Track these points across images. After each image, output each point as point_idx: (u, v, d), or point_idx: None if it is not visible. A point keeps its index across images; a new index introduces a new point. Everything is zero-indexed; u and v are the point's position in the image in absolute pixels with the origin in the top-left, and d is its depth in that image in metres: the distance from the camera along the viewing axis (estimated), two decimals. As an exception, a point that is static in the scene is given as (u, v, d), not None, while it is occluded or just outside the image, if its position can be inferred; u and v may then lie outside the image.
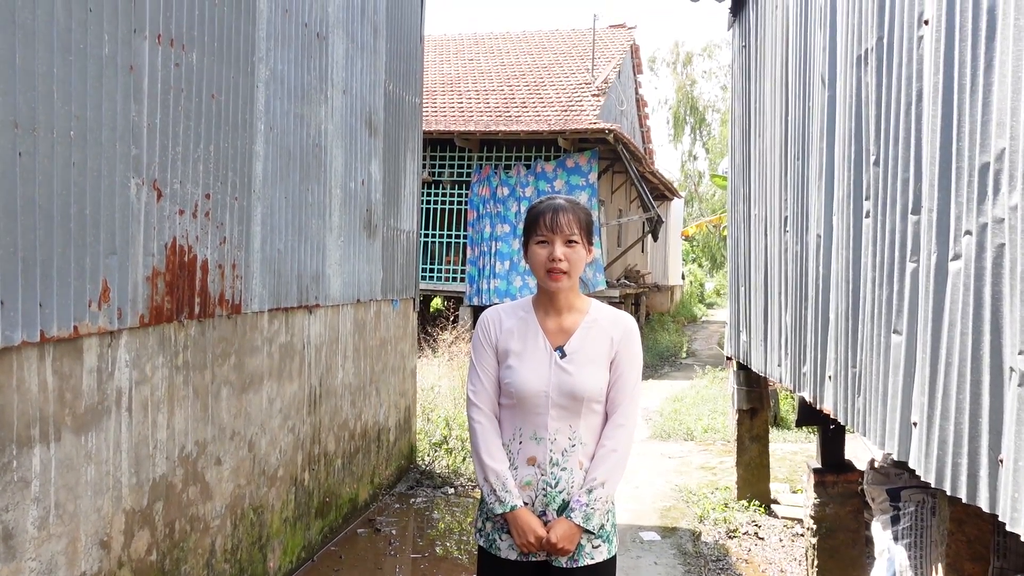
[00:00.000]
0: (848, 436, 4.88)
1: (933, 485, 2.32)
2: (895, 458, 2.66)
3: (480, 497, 2.29)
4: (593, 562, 2.19)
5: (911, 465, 2.51)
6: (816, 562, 4.17)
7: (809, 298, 3.81)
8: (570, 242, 2.18)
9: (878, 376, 2.86)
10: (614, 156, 14.08)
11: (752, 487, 5.78)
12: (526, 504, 2.19)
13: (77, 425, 2.71)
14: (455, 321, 12.87)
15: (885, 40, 2.84)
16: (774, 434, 7.84)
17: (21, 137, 2.39)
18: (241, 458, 3.85)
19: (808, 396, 3.82)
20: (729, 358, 6.13)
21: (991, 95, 2.08)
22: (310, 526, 4.62)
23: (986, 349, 2.06)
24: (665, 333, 17.63)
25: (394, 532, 5.17)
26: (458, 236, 13.92)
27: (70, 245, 2.61)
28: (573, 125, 12.96)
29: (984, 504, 2.04)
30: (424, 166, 13.65)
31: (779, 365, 4.45)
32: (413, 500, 5.82)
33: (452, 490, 6.04)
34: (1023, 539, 1.86)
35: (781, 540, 5.07)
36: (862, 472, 3.87)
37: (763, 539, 5.10)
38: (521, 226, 2.31)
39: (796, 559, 4.72)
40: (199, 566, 3.49)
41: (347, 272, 5.11)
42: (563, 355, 2.20)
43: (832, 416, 3.46)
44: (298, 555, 4.46)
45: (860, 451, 5.66)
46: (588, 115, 13.63)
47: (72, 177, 2.61)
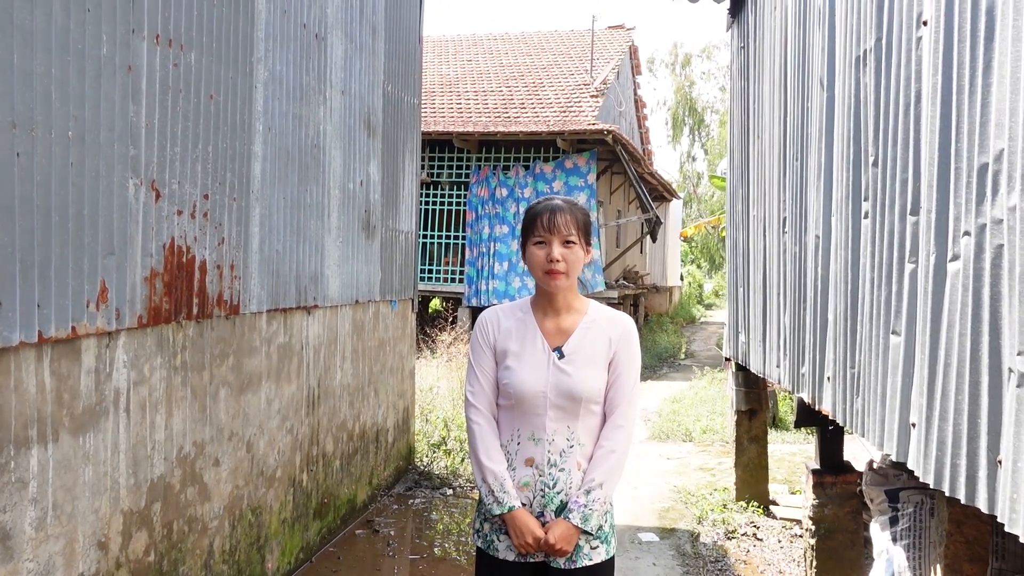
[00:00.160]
0: (847, 437, 4.88)
1: (932, 486, 2.32)
2: (894, 459, 2.66)
3: (478, 498, 2.29)
4: (591, 563, 2.19)
5: (910, 466, 2.51)
6: (815, 563, 4.17)
7: (808, 299, 3.81)
8: (568, 243, 2.18)
9: (877, 377, 2.86)
10: (613, 157, 14.09)
11: (751, 488, 5.78)
12: (524, 505, 2.19)
13: (75, 426, 2.71)
14: (454, 322, 12.87)
15: (884, 41, 2.84)
16: (773, 435, 7.84)
17: (19, 137, 2.39)
18: (239, 459, 3.85)
19: (807, 397, 3.82)
20: (728, 359, 6.13)
21: (990, 96, 2.08)
22: (308, 527, 4.61)
23: (985, 350, 2.06)
24: (664, 334, 17.63)
25: (392, 533, 5.17)
26: (456, 237, 13.92)
27: (68, 245, 2.61)
28: (572, 126, 12.96)
29: (983, 505, 2.04)
30: (423, 167, 13.66)
31: (778, 366, 4.45)
32: (411, 501, 5.82)
33: (450, 491, 6.04)
34: (1022, 540, 1.86)
35: (780, 541, 5.07)
36: (861, 473, 3.87)
37: (762, 540, 5.10)
38: (519, 227, 2.30)
39: (795, 560, 4.72)
40: (197, 567, 3.48)
41: (345, 273, 5.10)
42: (561, 356, 2.20)
43: (831, 417, 3.46)
44: (296, 556, 4.45)
45: (859, 452, 5.66)
46: (587, 116, 13.63)
47: (70, 177, 2.61)
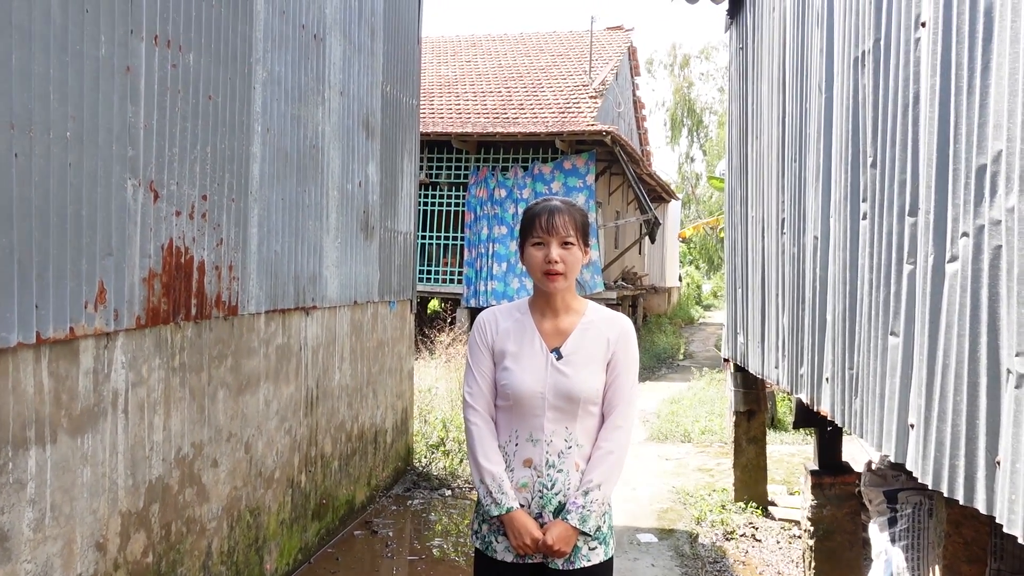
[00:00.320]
0: (845, 438, 4.88)
1: (930, 487, 2.32)
2: (892, 460, 2.66)
3: (477, 499, 2.29)
4: (590, 564, 2.19)
5: (908, 467, 2.51)
6: (813, 564, 4.17)
7: (806, 300, 3.81)
8: (566, 243, 2.17)
9: (875, 378, 2.86)
10: (611, 158, 14.10)
11: (749, 489, 5.78)
12: (522, 506, 2.18)
13: (73, 427, 2.70)
14: (452, 323, 12.87)
15: (882, 42, 2.84)
16: (771, 436, 7.84)
17: (17, 138, 2.38)
18: (237, 460, 3.84)
19: (805, 398, 3.82)
20: (726, 360, 6.14)
21: (988, 97, 2.09)
22: (307, 528, 4.61)
23: (983, 351, 2.06)
24: (662, 335, 17.64)
25: (391, 534, 5.16)
26: (455, 238, 13.92)
27: (66, 246, 2.60)
28: (570, 127, 12.96)
29: (981, 506, 2.04)
30: (421, 168, 13.65)
31: (776, 367, 4.45)
32: (410, 502, 5.81)
33: (449, 492, 6.03)
34: (1020, 540, 1.86)
35: (778, 542, 5.07)
36: (859, 474, 3.87)
37: (760, 541, 5.10)
38: (518, 228, 2.30)
39: (793, 561, 4.71)
40: (195, 568, 3.48)
41: (344, 274, 5.10)
42: (559, 357, 2.20)
43: (829, 418, 3.46)
44: (295, 557, 4.45)
45: (857, 453, 5.66)
46: (585, 117, 13.64)
47: (68, 178, 2.60)
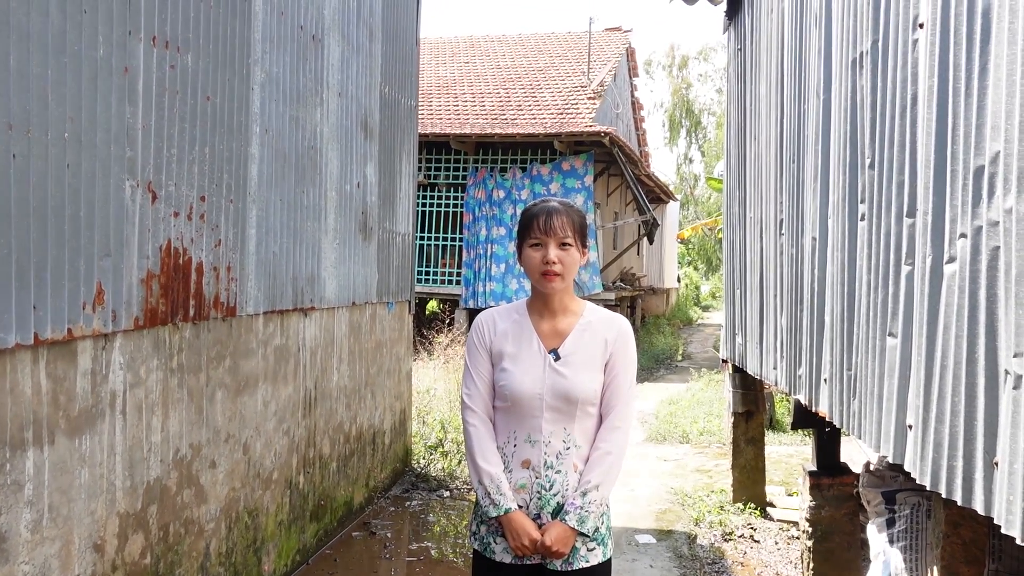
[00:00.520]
0: (844, 439, 4.88)
1: (928, 488, 2.32)
2: (890, 461, 2.66)
3: (475, 500, 2.29)
4: (588, 565, 2.19)
5: (906, 468, 2.51)
6: (812, 565, 4.17)
7: (805, 301, 3.82)
8: (564, 244, 2.18)
9: (873, 379, 2.86)
10: (610, 159, 14.11)
11: (748, 490, 5.79)
12: (520, 507, 2.18)
13: (71, 428, 2.70)
14: (451, 324, 12.86)
15: (880, 43, 2.85)
16: (770, 437, 7.85)
17: (15, 139, 2.38)
18: (236, 461, 3.84)
19: (804, 399, 3.82)
20: (725, 361, 6.14)
21: (986, 98, 2.09)
22: (305, 529, 4.60)
23: (981, 352, 2.06)
24: (661, 336, 17.64)
25: (389, 535, 5.16)
26: (454, 239, 13.92)
27: (64, 247, 2.60)
28: (569, 128, 12.97)
29: (979, 507, 2.04)
30: (420, 169, 13.65)
31: (775, 368, 4.45)
32: (408, 503, 5.81)
33: (447, 493, 6.03)
34: (1019, 541, 1.86)
35: (777, 543, 5.07)
36: (858, 475, 3.87)
37: (759, 542, 5.10)
38: (516, 229, 2.30)
39: (792, 562, 4.72)
40: (193, 569, 3.47)
41: (342, 274, 5.10)
42: (557, 358, 2.20)
43: (828, 419, 3.46)
44: (293, 558, 4.45)
45: (856, 454, 5.66)
46: (584, 118, 13.64)
47: (66, 179, 2.60)
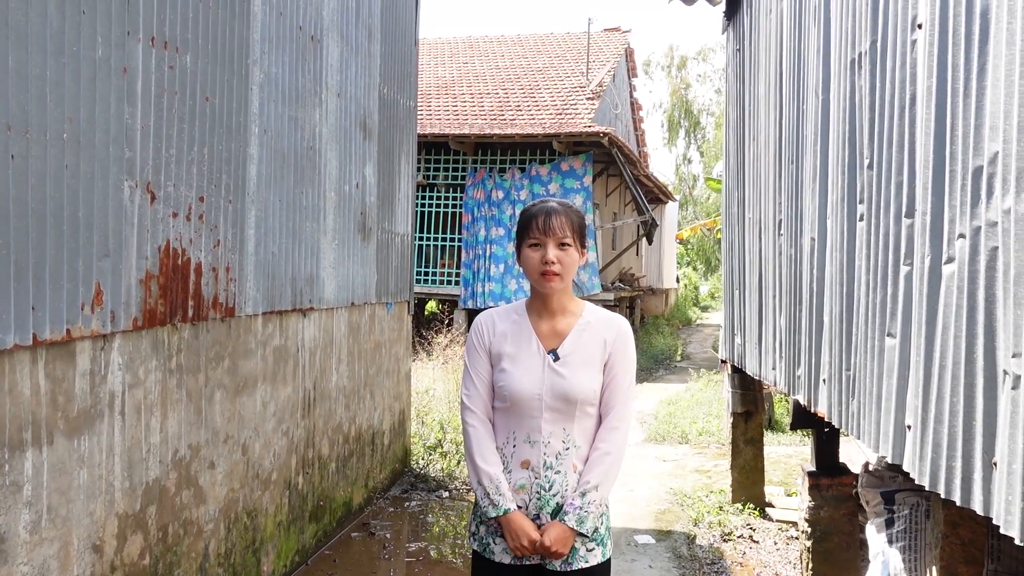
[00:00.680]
0: (843, 439, 4.89)
1: (927, 488, 2.32)
2: (889, 461, 2.66)
3: (474, 501, 2.29)
4: (587, 565, 2.18)
5: (905, 468, 2.51)
6: (811, 565, 4.17)
7: (803, 301, 3.82)
8: (563, 245, 2.18)
9: (872, 379, 2.86)
10: (609, 159, 14.11)
11: (747, 490, 5.79)
12: (520, 508, 2.18)
13: (70, 429, 2.70)
14: (449, 324, 12.86)
15: (879, 44, 2.85)
16: (769, 437, 7.85)
17: (14, 139, 2.38)
18: (234, 462, 3.84)
19: (802, 399, 3.82)
20: (724, 361, 6.14)
21: (984, 99, 2.09)
22: (304, 530, 4.60)
23: (980, 352, 2.06)
24: (660, 336, 17.65)
25: (388, 536, 5.16)
26: (452, 239, 13.93)
27: (63, 248, 2.60)
28: (568, 128, 12.97)
29: (978, 507, 2.04)
30: (419, 169, 13.65)
31: (773, 368, 4.45)
32: (407, 504, 5.81)
33: (446, 494, 6.03)
34: (1017, 542, 1.86)
35: (776, 543, 5.07)
36: (856, 475, 3.88)
37: (758, 542, 5.10)
38: (515, 229, 2.30)
39: (791, 562, 4.72)
40: (192, 570, 3.47)
41: (341, 275, 5.10)
42: (556, 358, 2.20)
43: (826, 419, 3.46)
44: (292, 559, 4.44)
45: (854, 454, 5.67)
46: (583, 118, 13.65)
47: (65, 179, 2.60)
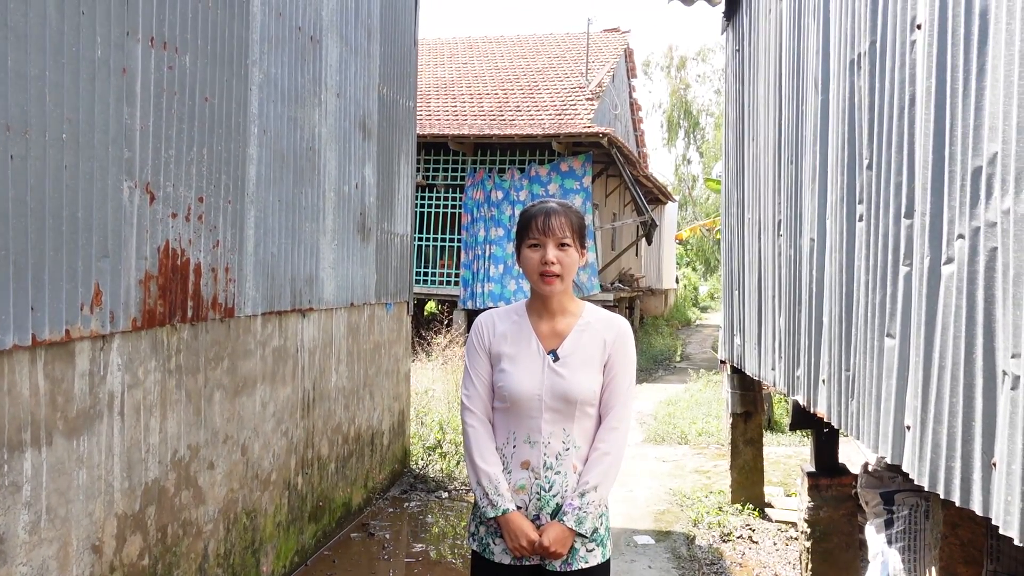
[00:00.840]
0: (842, 439, 4.89)
1: (926, 488, 2.32)
2: (888, 461, 2.66)
3: (474, 501, 2.29)
4: (587, 566, 2.18)
5: (904, 468, 2.51)
6: (810, 565, 4.17)
7: (803, 302, 3.82)
8: (562, 245, 2.18)
9: (871, 380, 2.86)
10: (608, 160, 14.11)
11: (746, 491, 5.79)
12: (519, 508, 2.18)
13: (69, 429, 2.70)
14: (449, 325, 12.86)
15: (878, 44, 2.85)
16: (768, 438, 7.85)
17: (13, 140, 2.38)
18: (234, 462, 3.84)
19: (802, 400, 3.82)
20: (723, 362, 6.14)
21: (983, 99, 2.09)
22: (303, 530, 4.60)
23: (979, 353, 2.06)
24: (659, 337, 17.65)
25: (388, 536, 5.16)
26: (452, 240, 13.92)
27: (62, 248, 2.60)
28: (567, 129, 12.97)
29: (977, 507, 2.04)
30: (418, 169, 13.63)
31: (773, 369, 4.45)
32: (407, 504, 5.81)
33: (446, 494, 6.03)
34: (1017, 542, 1.86)
35: (775, 543, 5.07)
36: (856, 475, 3.88)
37: (757, 543, 5.10)
38: (515, 229, 2.30)
39: (790, 562, 4.72)
40: (192, 571, 3.47)
41: (341, 275, 5.10)
42: (556, 358, 2.20)
43: (826, 419, 3.46)
44: (291, 559, 4.44)
45: (854, 455, 5.67)
46: (582, 119, 13.65)
47: (64, 180, 2.60)
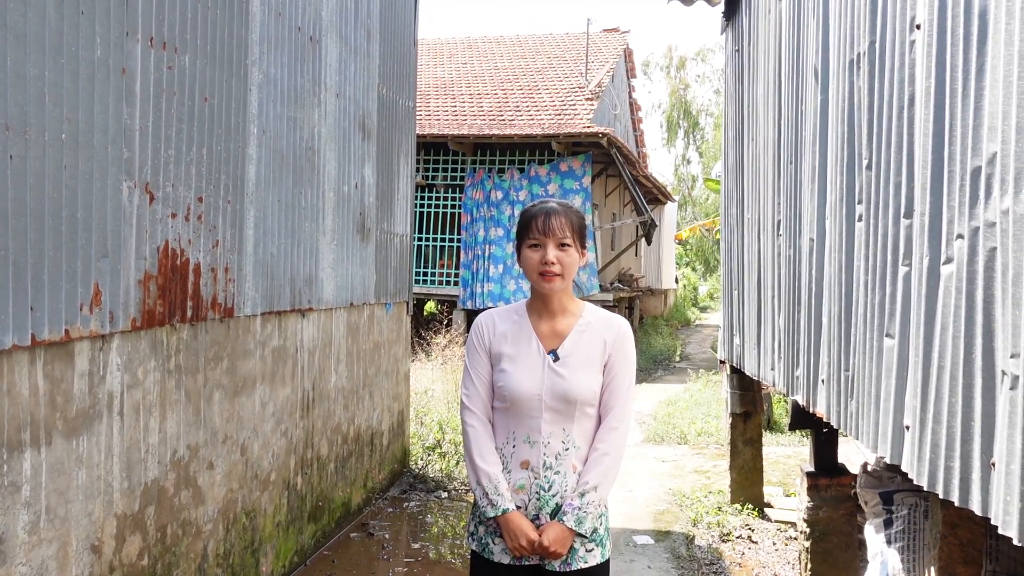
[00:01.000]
0: (841, 439, 4.89)
1: (926, 488, 2.32)
2: (888, 461, 2.67)
3: (473, 501, 2.29)
4: (586, 566, 2.18)
5: (904, 468, 2.51)
6: (809, 565, 4.17)
7: (802, 302, 3.82)
8: (563, 245, 2.18)
9: (871, 380, 2.86)
10: (608, 160, 14.11)
11: (746, 491, 5.79)
12: (519, 508, 2.18)
13: (68, 429, 2.70)
14: (448, 325, 12.86)
15: (877, 44, 2.85)
16: (767, 438, 7.85)
17: (12, 140, 2.38)
18: (233, 462, 3.84)
19: (801, 400, 3.82)
20: (722, 362, 6.14)
21: (983, 99, 2.09)
22: (303, 530, 4.60)
23: (978, 353, 2.07)
24: (659, 337, 17.65)
25: (387, 536, 5.16)
26: (452, 240, 13.92)
27: (61, 248, 2.60)
28: (567, 129, 12.97)
29: (976, 507, 2.04)
30: (418, 169, 13.65)
31: (772, 369, 4.45)
32: (406, 504, 5.81)
33: (445, 494, 6.03)
34: (1016, 542, 1.86)
35: (774, 543, 5.07)
36: (855, 475, 3.88)
37: (756, 543, 5.10)
38: (515, 229, 2.30)
39: (789, 562, 4.72)
40: (191, 571, 3.47)
41: (340, 275, 5.10)
42: (556, 358, 2.20)
43: (825, 419, 3.46)
44: (291, 559, 4.44)
45: (853, 455, 5.67)
46: (582, 119, 13.65)
47: (64, 180, 2.60)
